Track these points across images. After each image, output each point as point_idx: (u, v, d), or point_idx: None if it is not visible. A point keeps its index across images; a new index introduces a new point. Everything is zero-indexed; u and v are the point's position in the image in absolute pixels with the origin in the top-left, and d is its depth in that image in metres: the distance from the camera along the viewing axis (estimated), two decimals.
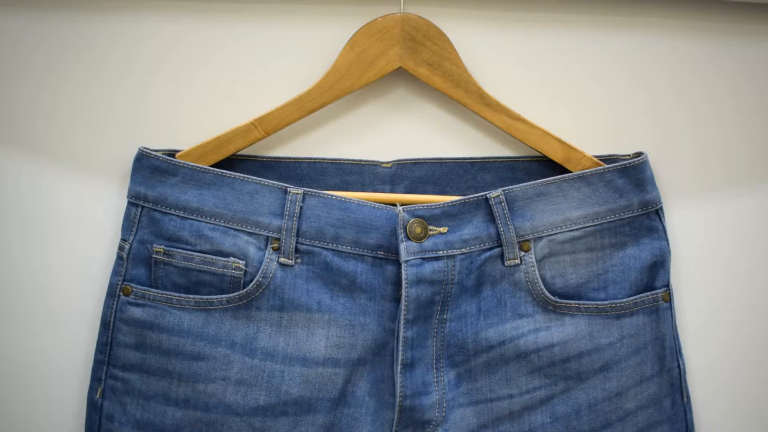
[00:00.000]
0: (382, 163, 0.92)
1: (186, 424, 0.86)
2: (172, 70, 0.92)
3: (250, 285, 0.86)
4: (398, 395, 0.85)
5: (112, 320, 0.88)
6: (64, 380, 0.92)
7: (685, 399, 0.88)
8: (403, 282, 0.84)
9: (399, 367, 0.85)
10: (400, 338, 0.85)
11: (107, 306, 0.88)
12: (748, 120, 0.93)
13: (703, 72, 0.92)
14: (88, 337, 0.91)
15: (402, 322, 0.85)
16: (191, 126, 0.92)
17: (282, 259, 0.86)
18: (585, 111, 0.93)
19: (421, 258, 0.85)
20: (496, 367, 0.87)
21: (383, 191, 0.92)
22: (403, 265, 0.84)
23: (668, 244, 0.88)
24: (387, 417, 0.87)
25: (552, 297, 0.86)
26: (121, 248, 0.88)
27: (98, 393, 0.88)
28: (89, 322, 0.91)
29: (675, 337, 0.88)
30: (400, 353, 0.85)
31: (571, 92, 0.93)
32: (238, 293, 0.86)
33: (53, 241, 0.93)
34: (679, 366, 0.88)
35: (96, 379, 0.88)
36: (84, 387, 0.90)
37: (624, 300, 0.87)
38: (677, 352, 0.88)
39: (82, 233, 0.93)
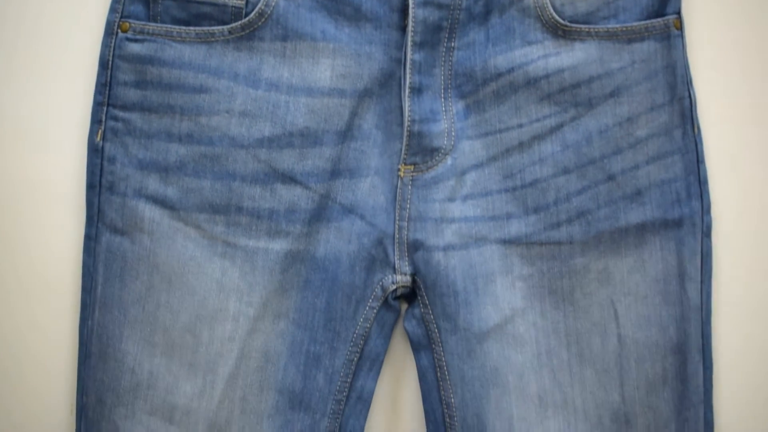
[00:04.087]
0: None
1: (190, 160, 0.85)
2: None
3: (252, 14, 0.83)
4: (406, 120, 0.84)
5: (110, 59, 0.85)
6: (63, 129, 0.90)
7: (696, 131, 0.87)
8: (411, 3, 0.82)
9: (407, 92, 0.83)
10: (407, 61, 0.83)
11: (105, 45, 0.85)
12: None
13: None
14: (87, 80, 0.88)
15: (409, 44, 0.83)
16: None
17: None
18: None
19: None
20: (505, 96, 0.85)
21: None
22: None
23: None
24: (395, 148, 0.86)
25: (562, 21, 0.84)
26: None
27: (98, 136, 0.86)
28: (88, 63, 0.89)
29: (686, 67, 0.87)
30: (407, 76, 0.83)
31: None
32: (240, 23, 0.83)
33: None
34: (690, 96, 0.87)
35: (96, 121, 0.86)
36: (84, 134, 0.87)
37: (635, 24, 0.85)
38: (688, 82, 0.87)
39: None
